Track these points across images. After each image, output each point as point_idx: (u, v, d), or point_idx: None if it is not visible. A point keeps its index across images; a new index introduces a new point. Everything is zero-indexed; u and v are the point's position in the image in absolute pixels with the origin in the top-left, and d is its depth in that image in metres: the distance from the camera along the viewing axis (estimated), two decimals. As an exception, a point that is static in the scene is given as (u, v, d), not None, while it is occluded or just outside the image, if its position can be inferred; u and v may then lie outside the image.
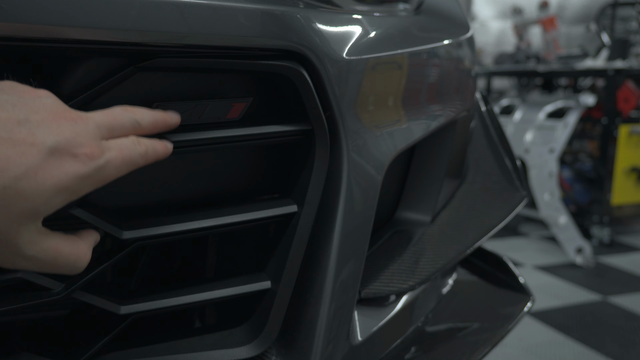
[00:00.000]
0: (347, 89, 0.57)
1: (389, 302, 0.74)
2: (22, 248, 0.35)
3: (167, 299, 0.52)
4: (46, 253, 0.37)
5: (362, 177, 0.60)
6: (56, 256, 0.37)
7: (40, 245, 0.36)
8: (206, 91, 0.51)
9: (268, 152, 0.59)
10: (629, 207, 3.08)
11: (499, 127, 1.11)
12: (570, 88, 3.63)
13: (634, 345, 1.91)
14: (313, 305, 0.58)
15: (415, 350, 0.74)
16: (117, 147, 0.39)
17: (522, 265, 2.74)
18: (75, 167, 0.35)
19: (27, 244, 0.35)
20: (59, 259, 0.37)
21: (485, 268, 1.03)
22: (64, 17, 0.38)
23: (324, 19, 0.56)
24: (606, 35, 3.48)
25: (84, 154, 0.36)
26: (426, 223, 0.88)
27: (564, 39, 5.33)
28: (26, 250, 0.35)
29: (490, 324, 0.88)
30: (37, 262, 0.36)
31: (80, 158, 0.36)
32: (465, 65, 0.89)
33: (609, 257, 2.85)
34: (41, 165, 0.34)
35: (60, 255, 0.37)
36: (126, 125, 0.41)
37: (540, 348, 1.90)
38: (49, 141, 0.35)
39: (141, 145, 0.41)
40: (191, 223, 0.51)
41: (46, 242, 0.36)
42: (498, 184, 1.05)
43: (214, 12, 0.46)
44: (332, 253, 0.58)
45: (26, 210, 0.34)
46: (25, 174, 0.33)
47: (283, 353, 0.58)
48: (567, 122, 2.79)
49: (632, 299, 2.31)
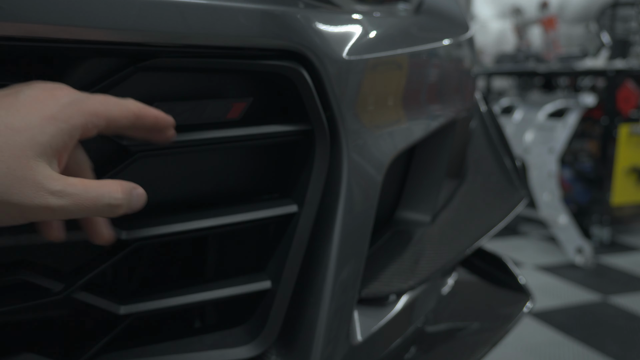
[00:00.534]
0: (347, 89, 0.57)
1: (389, 302, 0.74)
2: (45, 183, 0.35)
3: (167, 299, 0.52)
4: (74, 187, 0.36)
5: (362, 177, 0.60)
6: (85, 189, 0.36)
7: (63, 180, 0.36)
8: (206, 91, 0.51)
9: (268, 152, 0.59)
10: (629, 207, 3.08)
11: (499, 127, 1.11)
12: (570, 88, 3.63)
13: (634, 346, 1.91)
14: (313, 305, 0.58)
15: (415, 350, 0.74)
16: None
17: (522, 265, 2.74)
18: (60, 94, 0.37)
19: (48, 179, 0.35)
20: (89, 190, 0.36)
21: (485, 268, 1.03)
22: (64, 16, 0.38)
23: (324, 19, 0.56)
24: (606, 35, 3.48)
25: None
26: (426, 223, 0.88)
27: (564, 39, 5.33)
28: (50, 185, 0.35)
29: (490, 324, 0.88)
30: (68, 197, 0.35)
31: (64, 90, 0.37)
32: (465, 65, 0.89)
33: (609, 257, 2.85)
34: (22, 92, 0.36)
35: (89, 187, 0.36)
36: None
37: (540, 348, 1.89)
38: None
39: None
40: (191, 223, 0.51)
41: (69, 179, 0.36)
42: (498, 184, 1.05)
43: (214, 12, 0.46)
44: (332, 253, 0.58)
45: (25, 143, 0.34)
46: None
47: (283, 353, 0.58)
48: (567, 122, 2.79)
49: (632, 299, 2.31)
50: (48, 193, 0.35)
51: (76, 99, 0.38)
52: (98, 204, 0.37)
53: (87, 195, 0.36)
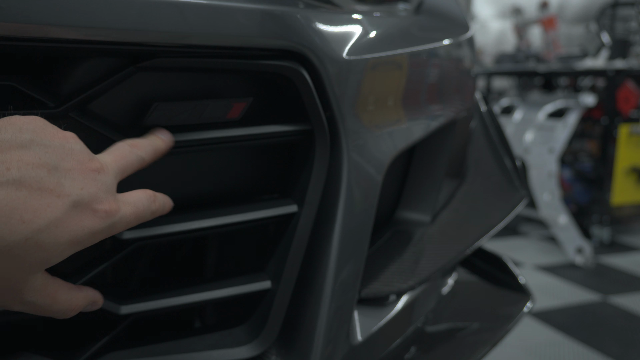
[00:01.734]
0: (347, 89, 0.57)
1: (389, 302, 0.74)
2: (24, 295, 0.35)
3: (167, 299, 0.52)
4: (44, 300, 0.36)
5: (362, 177, 0.60)
6: (51, 303, 0.37)
7: (41, 292, 0.36)
8: (206, 91, 0.51)
9: (268, 152, 0.59)
10: (629, 207, 3.08)
11: (498, 127, 1.11)
12: (570, 88, 3.63)
13: (634, 345, 1.91)
14: (313, 305, 0.58)
15: (415, 350, 0.74)
16: (133, 203, 0.39)
17: (522, 265, 2.74)
18: (93, 222, 0.35)
19: (29, 291, 0.35)
20: (53, 305, 0.37)
21: (485, 268, 1.03)
22: (64, 17, 0.38)
23: (324, 19, 0.56)
24: (606, 35, 3.48)
25: (103, 211, 0.36)
26: (426, 223, 0.88)
27: (564, 39, 5.33)
28: (27, 296, 0.35)
29: (490, 324, 0.88)
30: (32, 306, 0.36)
31: (99, 214, 0.36)
32: (465, 65, 0.89)
33: (609, 257, 2.85)
34: (62, 219, 0.34)
35: (56, 302, 0.37)
36: (134, 164, 0.42)
37: (540, 348, 1.89)
38: (74, 194, 0.34)
39: (155, 203, 0.42)
40: (191, 223, 0.51)
41: (46, 289, 0.36)
42: (498, 184, 1.05)
43: (214, 12, 0.46)
44: (332, 253, 0.58)
45: (40, 260, 0.34)
46: (47, 227, 0.33)
47: (283, 353, 0.58)
48: (567, 122, 2.79)
49: (632, 299, 2.31)
50: (19, 302, 0.35)
51: (111, 224, 0.37)
52: (50, 313, 0.38)
53: (48, 308, 0.37)
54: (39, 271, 0.35)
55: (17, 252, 0.32)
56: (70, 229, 0.34)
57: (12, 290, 0.34)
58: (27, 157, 0.33)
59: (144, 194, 0.41)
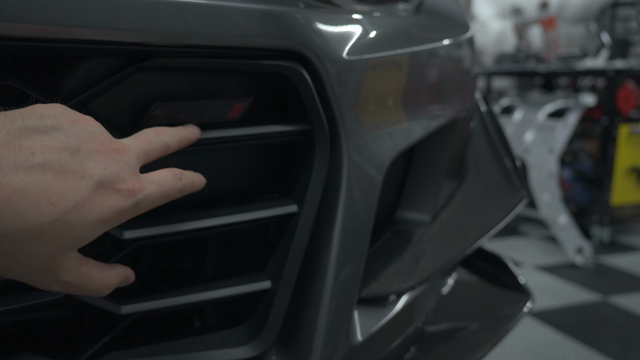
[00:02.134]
0: (347, 89, 0.57)
1: (389, 302, 0.74)
2: (60, 274, 0.36)
3: (167, 299, 0.52)
4: (79, 279, 0.38)
5: (362, 177, 0.60)
6: (87, 282, 0.38)
7: (76, 272, 0.37)
8: (206, 91, 0.51)
9: (268, 152, 0.59)
10: (629, 207, 3.08)
11: (498, 127, 1.11)
12: (570, 88, 3.63)
13: (634, 345, 1.91)
14: (313, 305, 0.58)
15: (415, 350, 0.74)
16: (158, 182, 0.40)
17: (522, 265, 2.74)
18: (118, 201, 0.37)
19: (65, 271, 0.36)
20: (89, 284, 0.39)
21: (485, 268, 1.03)
22: (64, 17, 0.38)
23: (324, 19, 0.56)
24: (606, 35, 3.48)
25: (126, 190, 0.37)
26: (426, 223, 0.88)
27: (564, 39, 5.33)
28: (63, 276, 0.37)
29: (490, 324, 0.88)
30: (69, 286, 0.38)
31: (123, 193, 0.37)
32: (465, 65, 0.89)
33: (609, 257, 2.85)
34: (88, 199, 0.35)
35: (91, 281, 0.39)
36: (158, 149, 0.43)
37: (540, 348, 1.90)
38: (97, 175, 0.36)
39: (182, 180, 0.43)
40: (191, 223, 0.51)
41: (81, 269, 0.38)
42: (498, 184, 1.05)
43: (214, 12, 0.46)
44: (332, 253, 0.58)
45: (71, 240, 0.35)
46: (75, 207, 0.34)
47: (283, 353, 0.58)
48: (567, 122, 2.79)
49: (632, 299, 2.31)
50: (57, 282, 0.37)
51: (136, 202, 0.38)
52: (87, 292, 0.39)
53: (84, 287, 0.39)
54: (71, 251, 0.36)
55: (48, 232, 0.33)
56: (97, 208, 0.35)
57: (49, 271, 0.36)
58: (50, 142, 0.34)
59: (169, 173, 0.42)
